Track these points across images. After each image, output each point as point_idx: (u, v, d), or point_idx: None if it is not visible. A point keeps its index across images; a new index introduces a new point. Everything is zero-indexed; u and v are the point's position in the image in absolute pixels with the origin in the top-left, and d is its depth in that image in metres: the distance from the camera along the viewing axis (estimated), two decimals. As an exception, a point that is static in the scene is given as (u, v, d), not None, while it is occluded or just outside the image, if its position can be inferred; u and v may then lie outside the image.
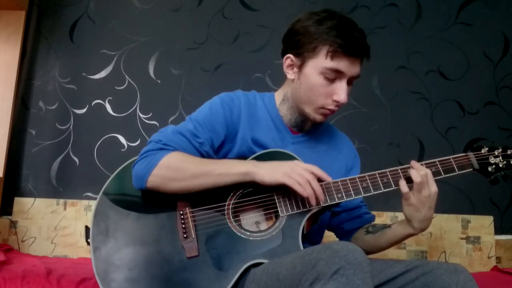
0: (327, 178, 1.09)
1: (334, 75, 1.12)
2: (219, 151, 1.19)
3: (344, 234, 1.30)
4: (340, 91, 1.12)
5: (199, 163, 1.11)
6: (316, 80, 1.13)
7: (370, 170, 1.14)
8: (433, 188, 1.08)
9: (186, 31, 2.12)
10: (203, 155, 1.16)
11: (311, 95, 1.15)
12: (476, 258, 1.91)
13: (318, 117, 1.18)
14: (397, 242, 1.19)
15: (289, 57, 1.18)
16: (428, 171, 1.09)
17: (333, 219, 1.30)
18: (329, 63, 1.10)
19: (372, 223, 1.30)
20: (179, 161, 1.10)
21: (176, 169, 1.09)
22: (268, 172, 1.07)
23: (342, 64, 1.10)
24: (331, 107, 1.15)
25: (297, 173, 1.05)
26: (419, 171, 1.09)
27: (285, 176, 1.06)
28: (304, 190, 1.05)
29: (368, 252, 1.19)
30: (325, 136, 1.30)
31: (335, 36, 1.09)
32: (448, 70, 2.11)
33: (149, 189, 1.11)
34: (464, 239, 1.93)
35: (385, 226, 1.21)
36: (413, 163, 1.12)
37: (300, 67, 1.15)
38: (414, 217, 1.10)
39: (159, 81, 2.09)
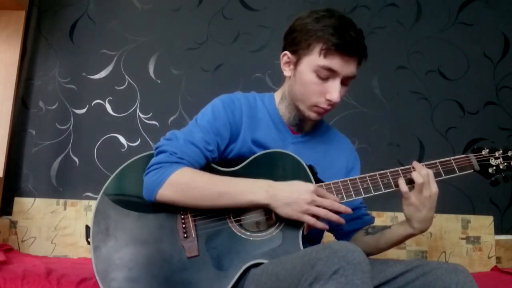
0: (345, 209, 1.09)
1: (327, 74, 1.11)
2: (223, 152, 1.19)
3: (343, 235, 1.30)
4: (333, 90, 1.11)
5: (210, 183, 1.08)
6: (309, 78, 1.12)
7: (370, 170, 1.15)
8: (434, 188, 1.08)
9: (186, 31, 2.12)
10: (210, 161, 1.16)
11: (304, 92, 1.14)
12: (476, 258, 1.91)
13: (312, 115, 1.17)
14: (398, 242, 1.18)
15: (286, 54, 1.18)
16: (430, 171, 1.09)
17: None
18: (322, 61, 1.10)
19: (372, 224, 1.30)
20: (190, 180, 1.08)
21: (187, 188, 1.07)
22: (284, 210, 1.06)
23: (335, 63, 1.10)
24: (324, 105, 1.14)
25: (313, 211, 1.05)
26: (420, 171, 1.09)
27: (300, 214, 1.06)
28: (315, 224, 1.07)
29: (368, 254, 1.17)
30: (326, 137, 1.30)
31: (330, 34, 1.08)
32: (448, 70, 2.11)
33: (158, 202, 1.09)
34: (464, 239, 1.93)
35: (385, 227, 1.20)
36: (415, 163, 1.12)
37: (296, 64, 1.16)
38: (414, 217, 1.10)
39: (159, 81, 2.09)
